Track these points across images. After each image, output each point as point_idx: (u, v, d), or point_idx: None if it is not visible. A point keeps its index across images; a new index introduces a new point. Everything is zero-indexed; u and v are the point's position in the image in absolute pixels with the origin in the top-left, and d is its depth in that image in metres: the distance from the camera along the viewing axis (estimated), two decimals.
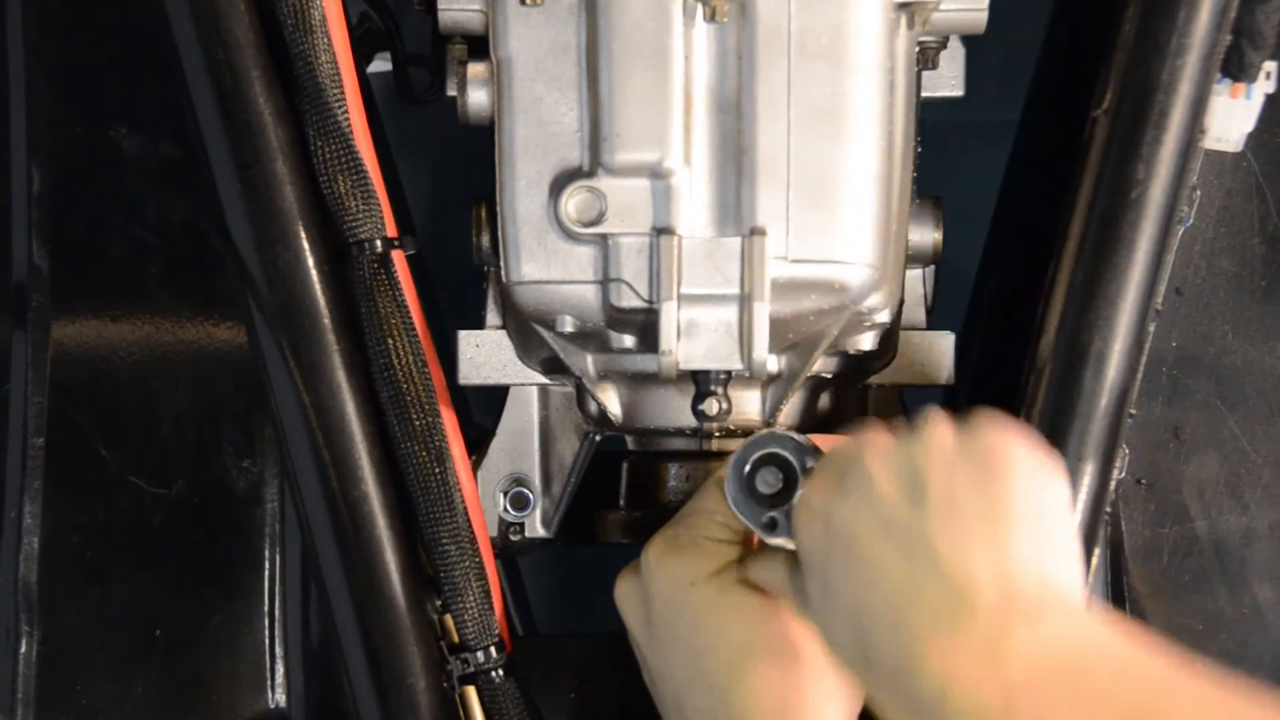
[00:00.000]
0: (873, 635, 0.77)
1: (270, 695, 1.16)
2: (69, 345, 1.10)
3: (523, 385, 1.12)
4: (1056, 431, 0.97)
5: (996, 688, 0.71)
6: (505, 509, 1.13)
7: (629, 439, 1.13)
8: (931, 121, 1.10)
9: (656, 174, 0.96)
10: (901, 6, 0.98)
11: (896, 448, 0.82)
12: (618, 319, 0.99)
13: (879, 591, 0.77)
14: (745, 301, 0.96)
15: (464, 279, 1.17)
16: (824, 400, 1.12)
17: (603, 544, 1.14)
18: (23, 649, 1.08)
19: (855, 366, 1.08)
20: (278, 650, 1.16)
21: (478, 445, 1.13)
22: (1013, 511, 0.77)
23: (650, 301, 0.96)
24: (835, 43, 0.95)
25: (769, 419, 1.06)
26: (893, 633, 0.75)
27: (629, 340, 1.01)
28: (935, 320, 1.14)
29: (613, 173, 0.96)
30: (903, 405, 1.14)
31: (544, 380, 1.11)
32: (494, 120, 0.99)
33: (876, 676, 0.77)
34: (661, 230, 0.96)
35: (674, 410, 1.05)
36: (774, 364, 1.02)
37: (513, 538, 1.13)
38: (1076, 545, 0.80)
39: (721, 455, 1.09)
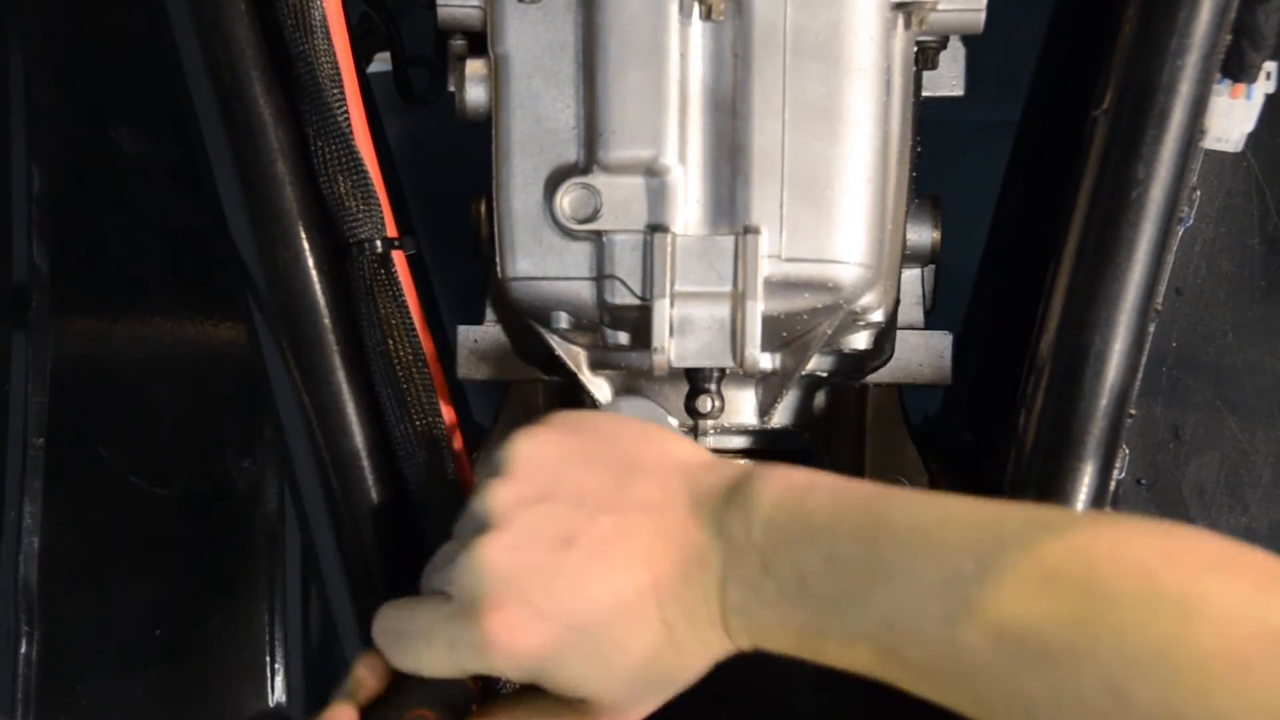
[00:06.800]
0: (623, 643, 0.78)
1: (270, 695, 1.16)
2: (69, 345, 1.10)
3: (523, 380, 1.12)
4: (1056, 431, 0.97)
5: (754, 560, 0.74)
6: None
7: None
8: (931, 121, 1.10)
9: (651, 171, 0.96)
10: (898, 6, 0.98)
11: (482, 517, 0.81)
12: (612, 316, 0.99)
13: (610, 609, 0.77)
14: (738, 299, 0.96)
15: (464, 278, 1.17)
16: (819, 399, 1.12)
17: None
18: (23, 649, 1.08)
19: (851, 366, 1.08)
20: (278, 650, 1.16)
21: (477, 444, 1.13)
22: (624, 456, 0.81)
23: (644, 298, 0.96)
24: (831, 42, 0.95)
25: (763, 418, 1.06)
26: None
27: (623, 337, 1.01)
28: (935, 320, 1.14)
29: (608, 170, 0.96)
30: (902, 405, 1.14)
31: (543, 375, 1.12)
32: (492, 116, 1.00)
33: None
34: (655, 227, 0.96)
35: (669, 407, 1.06)
36: (767, 362, 1.02)
37: None
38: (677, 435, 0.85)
39: (716, 453, 1.09)
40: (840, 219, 0.96)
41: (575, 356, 1.05)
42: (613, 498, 0.80)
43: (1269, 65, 1.01)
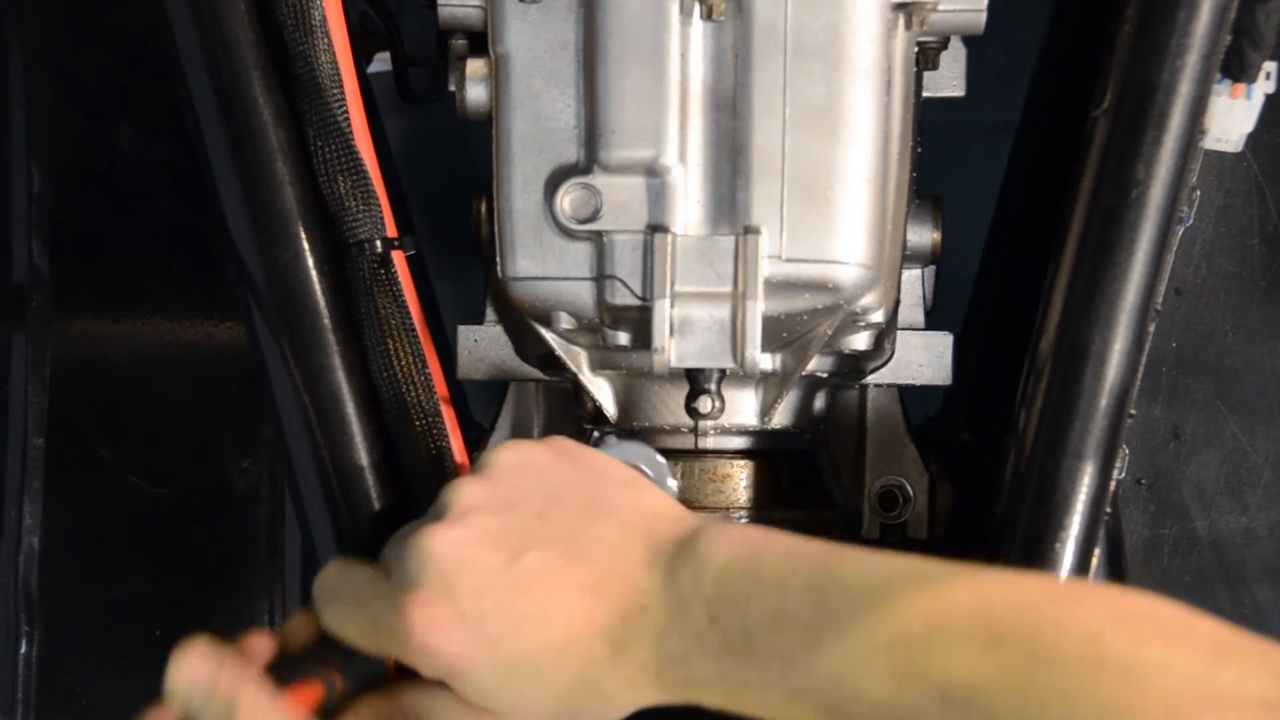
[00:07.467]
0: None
1: None
2: (69, 345, 1.10)
3: (523, 380, 1.12)
4: (1056, 431, 0.97)
5: (700, 611, 0.74)
6: None
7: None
8: (931, 121, 1.10)
9: (652, 171, 0.96)
10: (899, 7, 0.98)
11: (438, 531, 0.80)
12: (612, 316, 0.99)
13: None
14: (739, 300, 0.96)
15: (464, 277, 1.17)
16: (820, 399, 1.12)
17: None
18: (23, 649, 1.08)
19: (851, 366, 1.08)
20: None
21: (477, 444, 1.13)
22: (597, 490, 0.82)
23: (644, 298, 0.96)
24: (831, 42, 0.95)
25: (763, 418, 1.06)
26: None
27: (623, 337, 1.01)
28: (935, 320, 1.14)
29: (608, 170, 0.96)
30: (902, 406, 1.14)
31: (543, 375, 1.12)
32: (492, 116, 1.00)
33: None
34: (656, 228, 0.96)
35: (669, 407, 1.06)
36: (767, 362, 1.02)
37: None
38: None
39: (716, 453, 1.10)
40: (840, 219, 0.96)
41: (575, 357, 1.05)
42: (573, 528, 0.80)
43: (1269, 65, 1.01)
